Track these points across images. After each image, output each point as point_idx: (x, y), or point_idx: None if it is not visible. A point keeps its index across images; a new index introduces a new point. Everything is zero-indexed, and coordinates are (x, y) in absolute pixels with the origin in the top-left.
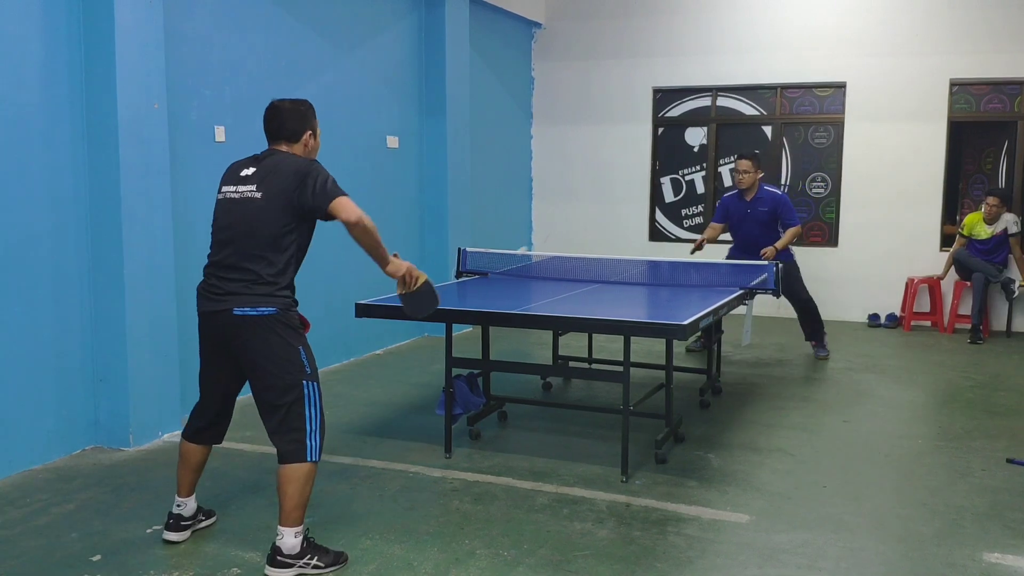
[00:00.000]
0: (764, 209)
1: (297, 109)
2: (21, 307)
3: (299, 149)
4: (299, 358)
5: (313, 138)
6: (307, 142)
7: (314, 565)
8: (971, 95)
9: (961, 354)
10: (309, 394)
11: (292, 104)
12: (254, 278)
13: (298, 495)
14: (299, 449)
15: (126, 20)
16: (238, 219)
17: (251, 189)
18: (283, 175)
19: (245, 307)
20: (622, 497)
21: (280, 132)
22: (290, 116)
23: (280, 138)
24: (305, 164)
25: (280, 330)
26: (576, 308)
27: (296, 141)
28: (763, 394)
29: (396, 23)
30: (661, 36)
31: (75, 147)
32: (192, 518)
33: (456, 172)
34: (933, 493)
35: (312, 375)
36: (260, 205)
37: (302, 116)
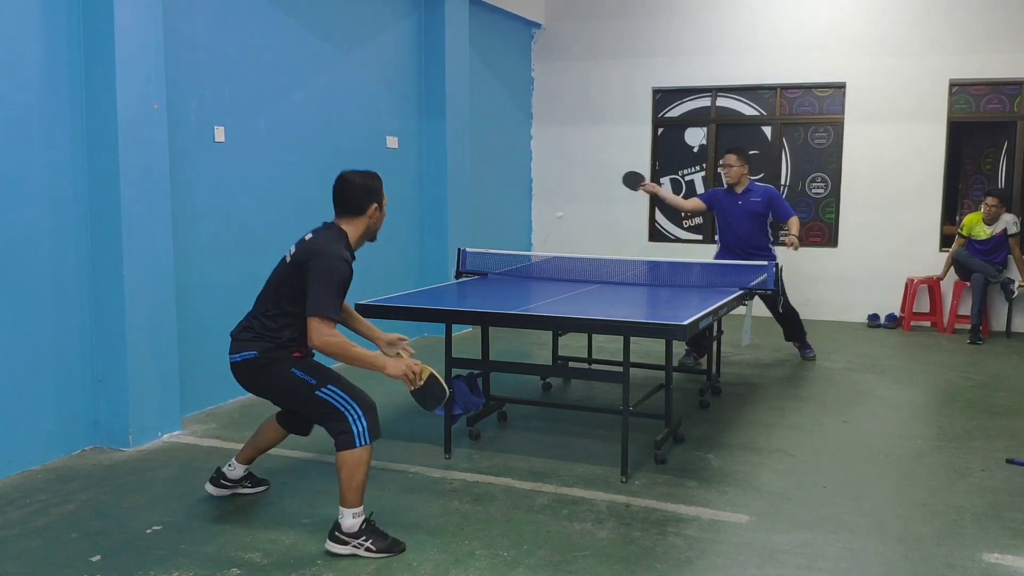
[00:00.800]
0: (757, 199)
1: (365, 184)
2: (21, 307)
3: (361, 223)
4: (295, 378)
5: (379, 210)
6: (371, 215)
7: (367, 548)
8: (971, 95)
9: (961, 354)
10: (327, 396)
11: (361, 178)
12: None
13: (351, 478)
14: (347, 439)
15: (126, 20)
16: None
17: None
18: (304, 251)
19: (234, 353)
20: (622, 497)
21: (345, 206)
22: (356, 190)
23: (345, 212)
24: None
25: (266, 367)
26: (576, 308)
27: (361, 214)
28: (763, 394)
29: (396, 24)
30: (661, 36)
31: (75, 147)
32: (236, 482)
33: (456, 172)
34: (933, 493)
35: (319, 383)
36: (286, 265)
37: (368, 190)
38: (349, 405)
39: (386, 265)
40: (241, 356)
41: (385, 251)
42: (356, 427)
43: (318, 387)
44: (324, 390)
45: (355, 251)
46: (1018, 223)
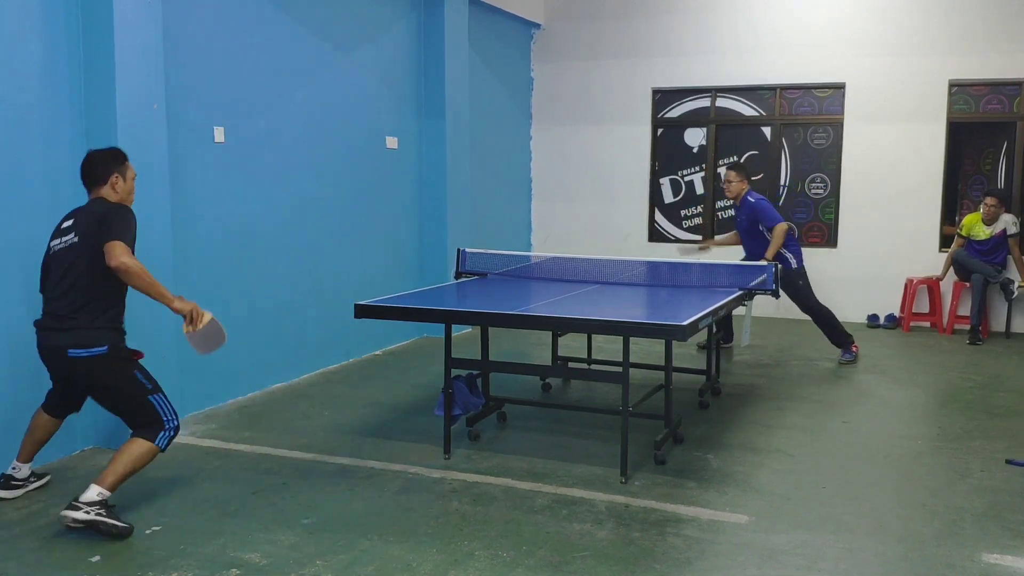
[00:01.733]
0: (742, 218)
1: (101, 157)
2: (20, 306)
3: (109, 192)
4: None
5: (121, 180)
6: (114, 183)
7: (98, 514)
8: (970, 96)
9: (960, 355)
10: (157, 403)
11: (99, 153)
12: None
13: (129, 464)
14: (153, 432)
15: (125, 20)
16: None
17: (72, 237)
18: (90, 218)
19: (79, 349)
20: (621, 498)
21: (87, 177)
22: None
23: (89, 183)
24: (104, 208)
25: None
26: (575, 309)
27: (103, 184)
28: (762, 395)
29: (395, 24)
30: (660, 37)
31: (74, 147)
32: (24, 480)
33: (455, 173)
34: (932, 494)
35: (154, 388)
36: (77, 248)
37: (107, 161)
38: (172, 415)
39: (385, 265)
40: (88, 351)
41: (384, 251)
42: (167, 432)
43: (152, 392)
44: (157, 397)
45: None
46: (1018, 223)
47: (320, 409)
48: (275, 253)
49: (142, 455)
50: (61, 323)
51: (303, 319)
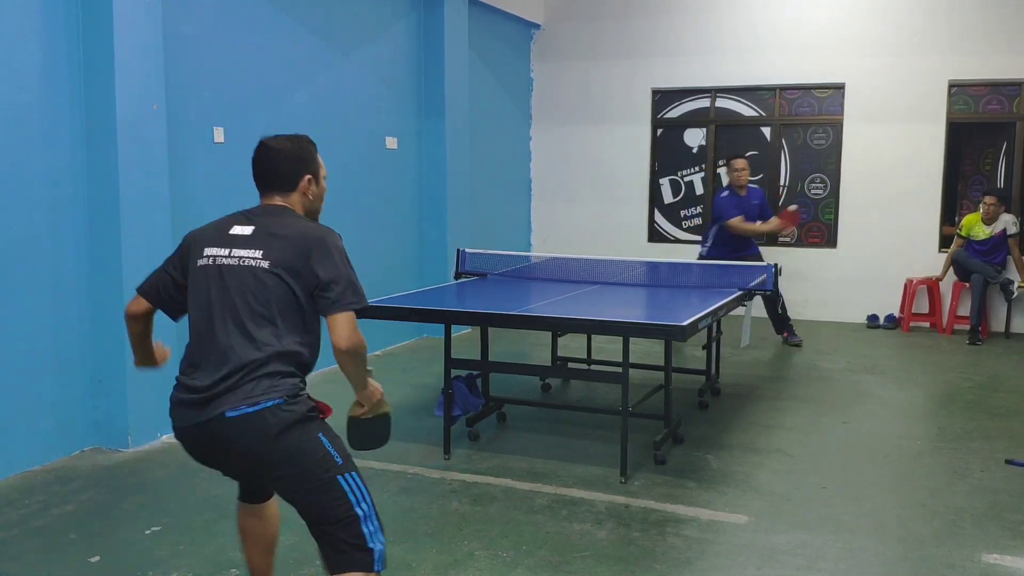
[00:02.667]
0: (755, 203)
1: (291, 150)
2: (20, 308)
3: (295, 200)
4: (321, 448)
5: (315, 183)
6: (306, 190)
7: None
8: (970, 96)
9: (960, 355)
10: (349, 487)
11: (286, 143)
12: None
13: None
14: (363, 558)
15: (125, 21)
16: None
17: (253, 254)
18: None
19: (241, 406)
20: (621, 498)
21: (269, 180)
22: (284, 158)
23: (271, 187)
24: (320, 234)
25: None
26: (575, 309)
27: (292, 189)
28: (762, 395)
29: (395, 24)
30: (660, 37)
31: (74, 148)
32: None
33: (455, 173)
34: (932, 494)
35: (345, 466)
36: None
37: (299, 157)
38: (370, 510)
39: (385, 265)
40: (256, 407)
41: (384, 251)
42: (375, 543)
43: (344, 470)
44: (349, 476)
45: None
46: (1018, 223)
47: None
48: None
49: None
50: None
51: None
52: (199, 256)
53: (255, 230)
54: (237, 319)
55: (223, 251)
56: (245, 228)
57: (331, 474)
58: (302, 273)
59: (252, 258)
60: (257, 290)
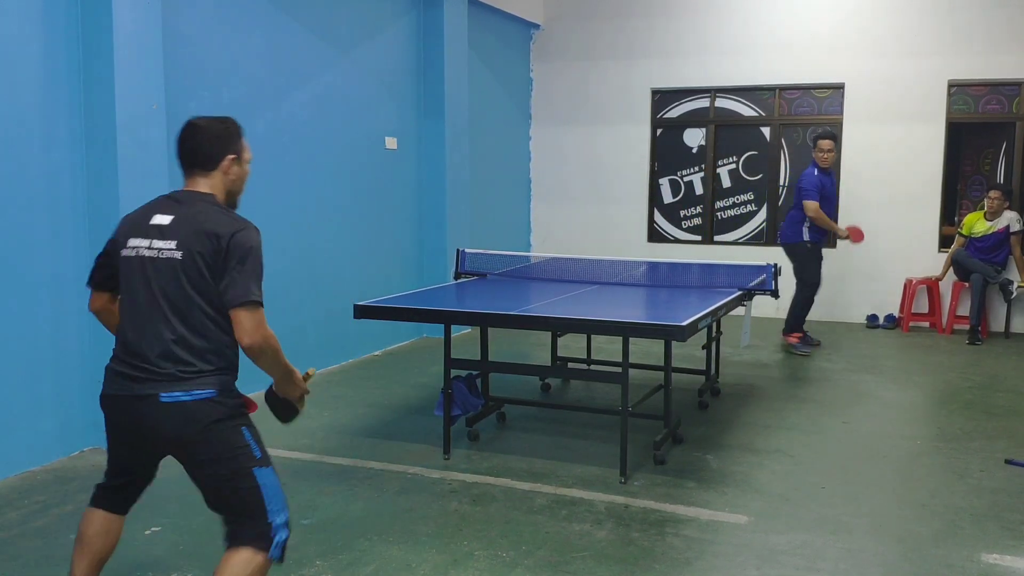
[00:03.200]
0: (831, 182)
1: (215, 128)
2: (19, 308)
3: (218, 180)
4: (244, 442)
5: (237, 164)
6: (227, 169)
7: None
8: (969, 96)
9: (959, 355)
10: (263, 482)
11: (210, 122)
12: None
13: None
14: (263, 540)
15: (124, 21)
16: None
17: (169, 246)
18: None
19: (175, 391)
20: (621, 498)
21: (192, 158)
22: (207, 136)
23: (194, 165)
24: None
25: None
26: (575, 309)
27: (213, 168)
28: (762, 395)
29: (394, 24)
30: (660, 37)
31: (74, 148)
32: None
33: (454, 173)
34: (932, 494)
35: (263, 460)
36: (180, 266)
37: (221, 135)
38: (281, 506)
39: (385, 266)
40: (192, 395)
41: (384, 252)
42: (278, 534)
43: (261, 464)
44: (265, 471)
45: None
46: (1021, 220)
47: (320, 409)
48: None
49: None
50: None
51: (302, 319)
52: (123, 246)
53: (174, 220)
54: (164, 310)
55: (144, 242)
56: (165, 217)
57: (249, 466)
58: (214, 267)
59: (169, 250)
60: (177, 284)
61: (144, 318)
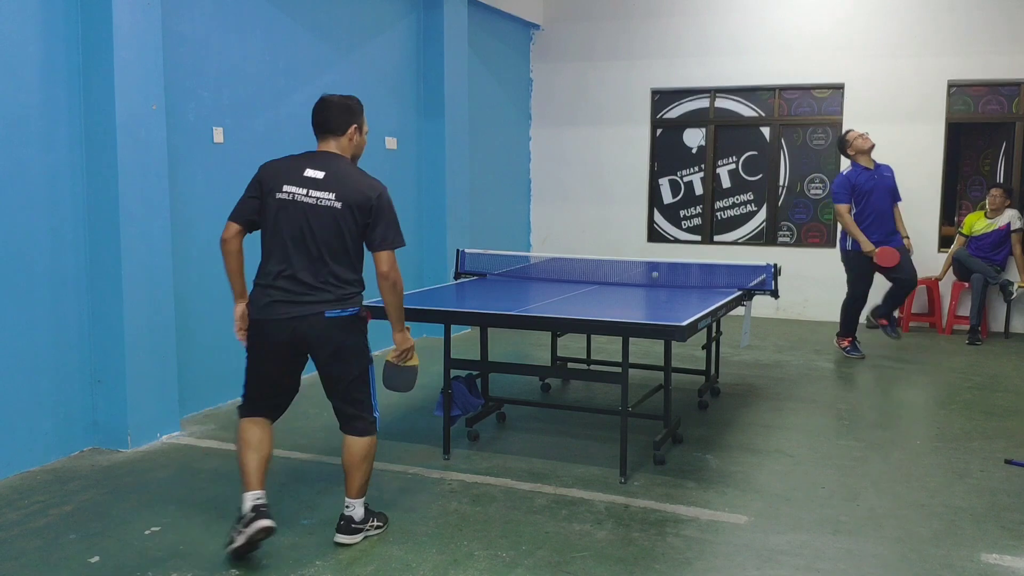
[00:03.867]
0: (888, 175)
1: (344, 103)
2: (19, 308)
3: (344, 143)
4: (367, 349)
5: (358, 133)
6: (352, 136)
7: (375, 526)
8: (969, 96)
9: (959, 355)
10: (372, 376)
11: (340, 98)
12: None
13: (368, 468)
14: (371, 425)
15: (124, 21)
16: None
17: (328, 196)
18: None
19: (337, 309)
20: (620, 498)
21: (327, 125)
22: (339, 108)
23: (327, 131)
24: (377, 191)
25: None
26: (575, 309)
27: (342, 134)
28: (761, 395)
29: (394, 24)
30: (659, 37)
31: (73, 148)
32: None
33: (454, 173)
34: (931, 494)
35: (371, 359)
36: (339, 213)
37: (349, 109)
38: (374, 394)
39: None
40: (340, 312)
41: None
42: (375, 415)
43: (371, 364)
44: (372, 370)
45: None
46: (1022, 218)
47: (319, 409)
48: None
49: (371, 455)
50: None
51: None
52: (278, 190)
53: (326, 175)
54: (318, 245)
55: (301, 190)
56: (317, 172)
57: (365, 366)
58: (362, 216)
59: (327, 199)
60: (332, 225)
61: (303, 253)
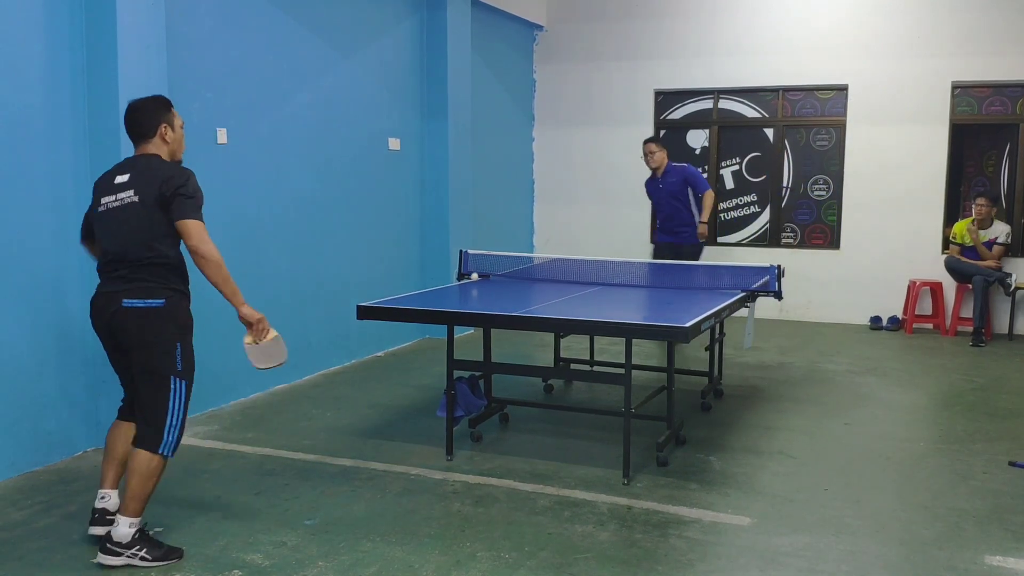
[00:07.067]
0: (673, 180)
1: (147, 106)
2: (22, 309)
3: (159, 143)
4: (174, 351)
5: (170, 130)
6: (164, 134)
7: (141, 556)
8: (973, 97)
9: (963, 357)
10: (175, 389)
11: (143, 102)
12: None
13: (140, 487)
14: (154, 440)
15: (128, 22)
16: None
17: (129, 195)
18: (152, 179)
19: (134, 298)
20: (623, 500)
21: (137, 130)
22: (141, 113)
23: (139, 136)
24: (172, 170)
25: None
26: (578, 310)
27: (153, 135)
28: (765, 397)
29: (398, 25)
30: (663, 38)
31: (77, 149)
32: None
33: (457, 174)
34: (934, 496)
35: (183, 373)
36: (138, 207)
37: (153, 111)
38: (179, 414)
39: (387, 267)
40: (145, 303)
41: (386, 253)
42: (168, 435)
43: (181, 376)
44: (180, 383)
45: None
46: (1009, 235)
47: (322, 410)
48: (277, 254)
49: (149, 473)
50: (122, 280)
51: (305, 320)
52: (97, 205)
53: (130, 176)
54: (126, 242)
55: (111, 197)
56: (124, 176)
57: (168, 372)
58: (164, 198)
59: (129, 197)
60: (136, 220)
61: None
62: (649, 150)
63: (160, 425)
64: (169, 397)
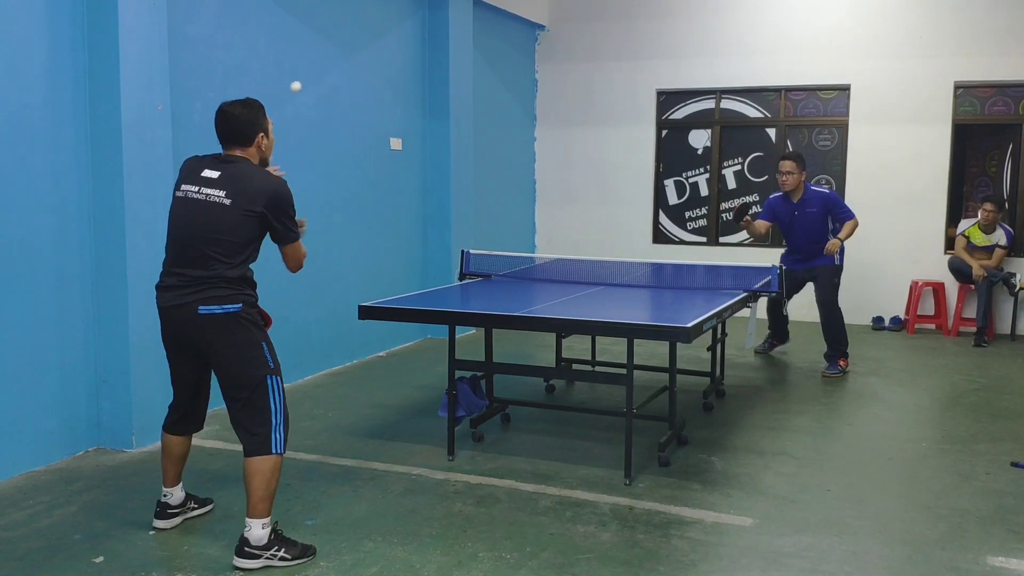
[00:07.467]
0: (813, 211)
1: (246, 114)
2: (24, 308)
3: (252, 152)
4: (262, 353)
5: (266, 137)
6: (260, 143)
7: (280, 557)
8: (975, 97)
9: (965, 357)
10: (273, 387)
11: (242, 108)
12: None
13: (264, 487)
14: (264, 442)
15: (130, 22)
16: (202, 221)
17: (218, 193)
18: (251, 191)
19: (211, 305)
20: (625, 500)
21: (232, 137)
22: (241, 122)
23: (233, 143)
24: (274, 187)
25: (245, 325)
26: (579, 310)
27: (249, 145)
28: (767, 397)
29: (400, 25)
30: (665, 38)
31: (79, 149)
32: (181, 506)
33: (459, 174)
34: (937, 496)
35: (275, 369)
36: (227, 210)
37: (253, 120)
38: (281, 408)
39: (389, 267)
40: (222, 308)
41: (389, 253)
42: (276, 434)
43: (273, 373)
44: (275, 379)
45: None
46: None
47: (324, 410)
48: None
49: (269, 473)
50: (191, 287)
51: (307, 320)
52: (177, 189)
53: (222, 176)
54: (202, 240)
55: (194, 188)
56: (214, 172)
57: (263, 372)
58: (265, 216)
59: (218, 197)
60: (220, 223)
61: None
62: (785, 169)
63: (267, 430)
64: (269, 396)
